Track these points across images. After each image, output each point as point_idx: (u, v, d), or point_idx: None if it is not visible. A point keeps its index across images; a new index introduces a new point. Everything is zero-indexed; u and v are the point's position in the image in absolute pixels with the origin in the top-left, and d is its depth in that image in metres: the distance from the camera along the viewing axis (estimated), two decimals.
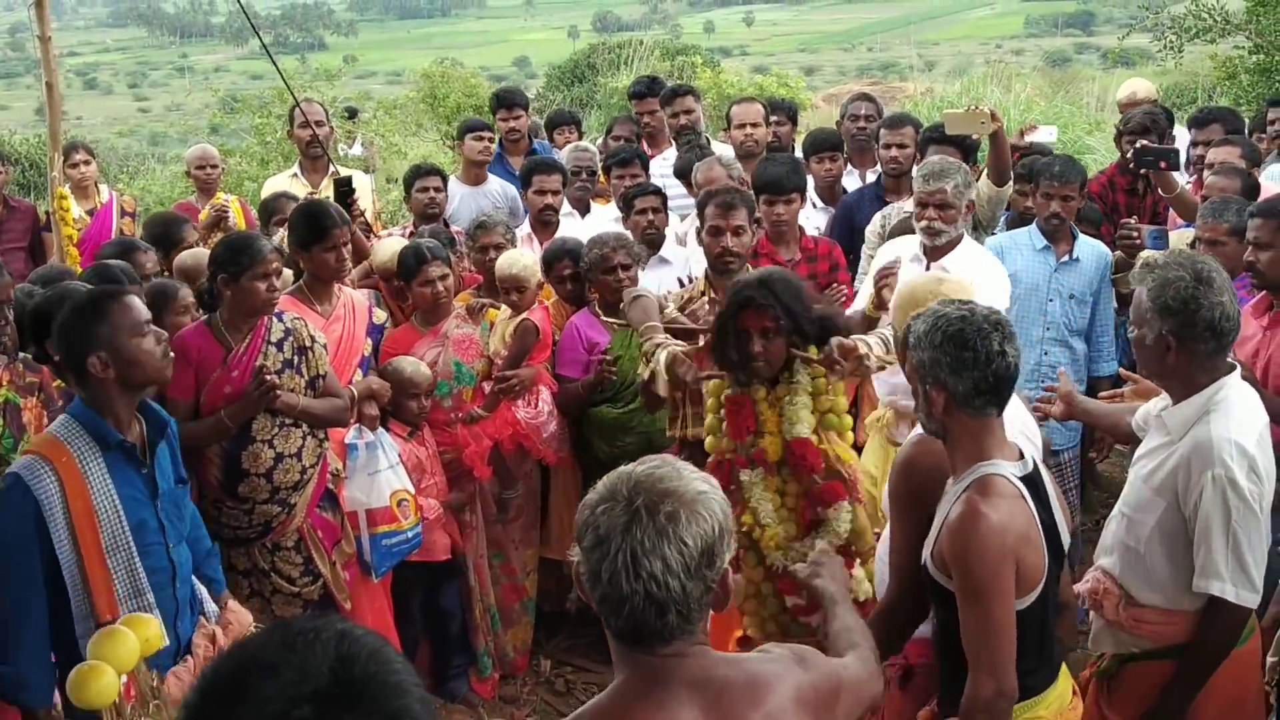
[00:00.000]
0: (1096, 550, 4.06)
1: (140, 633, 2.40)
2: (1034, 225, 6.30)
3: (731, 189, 5.66)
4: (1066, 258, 6.17)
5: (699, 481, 2.27)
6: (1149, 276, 3.68)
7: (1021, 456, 3.38)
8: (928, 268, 5.64)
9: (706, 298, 5.40)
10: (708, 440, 4.56)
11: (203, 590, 4.27)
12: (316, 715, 1.41)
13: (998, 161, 6.30)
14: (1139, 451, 3.90)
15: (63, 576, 3.73)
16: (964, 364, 3.24)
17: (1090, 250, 6.23)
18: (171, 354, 4.03)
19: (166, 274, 5.93)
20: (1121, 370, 4.95)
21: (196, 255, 6.10)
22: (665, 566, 2.17)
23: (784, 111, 8.50)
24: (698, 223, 6.51)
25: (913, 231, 5.77)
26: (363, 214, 6.82)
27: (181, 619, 4.03)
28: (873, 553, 4.27)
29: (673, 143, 8.41)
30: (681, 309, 5.34)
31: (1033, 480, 3.35)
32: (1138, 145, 6.80)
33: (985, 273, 5.49)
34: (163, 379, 4.07)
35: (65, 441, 3.80)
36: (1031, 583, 3.24)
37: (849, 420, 4.43)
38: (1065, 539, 3.45)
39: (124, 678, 2.34)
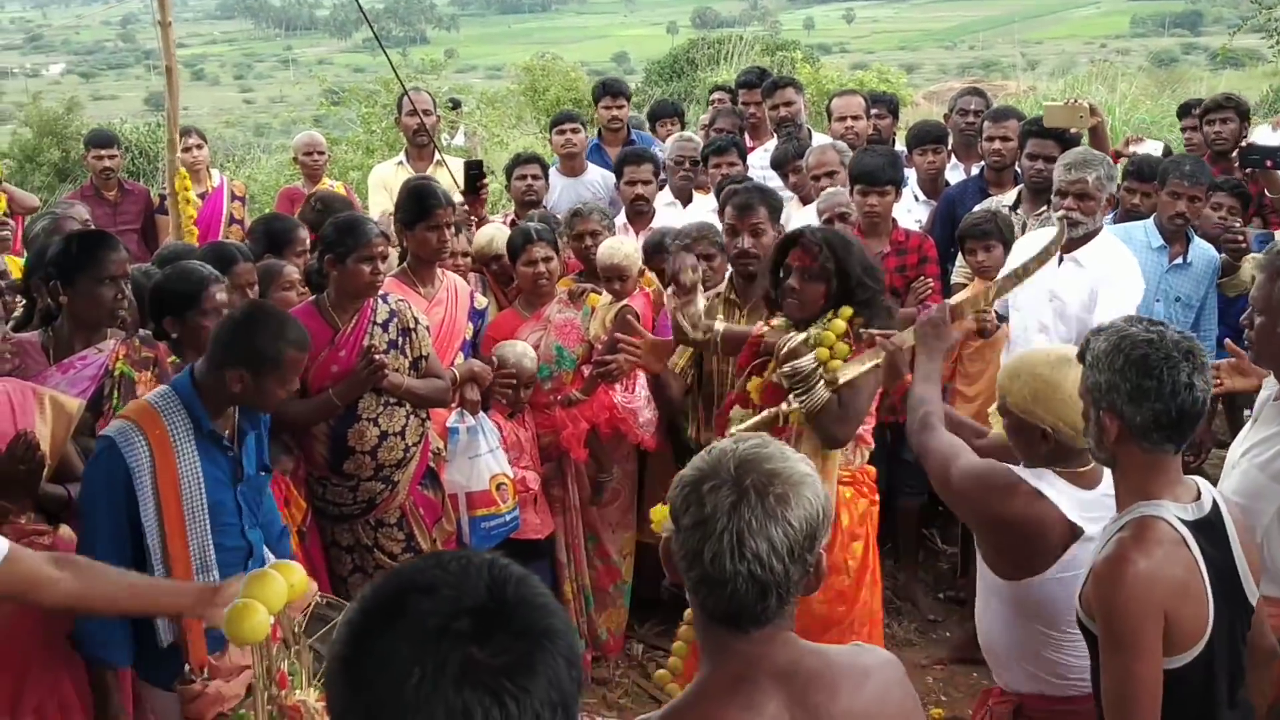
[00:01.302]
0: None
1: (288, 578, 2.50)
2: (1151, 222, 6.21)
3: (753, 188, 5.67)
4: (1180, 260, 6.08)
5: (802, 464, 2.26)
6: (1276, 264, 3.58)
7: (1199, 496, 3.09)
8: (1061, 260, 5.57)
9: (721, 297, 5.46)
10: None
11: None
12: (474, 628, 1.48)
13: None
14: (1249, 439, 3.79)
15: (144, 542, 3.83)
16: (1145, 394, 2.95)
17: (1202, 254, 6.14)
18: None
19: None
20: (1228, 342, 4.76)
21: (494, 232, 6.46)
22: (771, 548, 2.14)
23: (885, 105, 8.49)
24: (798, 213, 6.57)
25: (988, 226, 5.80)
26: (487, 196, 6.95)
27: None
28: None
29: (773, 134, 8.44)
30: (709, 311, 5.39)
31: (1209, 524, 3.05)
32: (1244, 144, 6.72)
33: (1120, 268, 5.45)
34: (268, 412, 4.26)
35: (161, 412, 3.90)
36: (1189, 640, 2.94)
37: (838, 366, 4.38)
38: (1250, 591, 3.12)
39: (271, 619, 2.44)
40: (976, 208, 6.64)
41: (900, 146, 8.22)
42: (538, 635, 1.52)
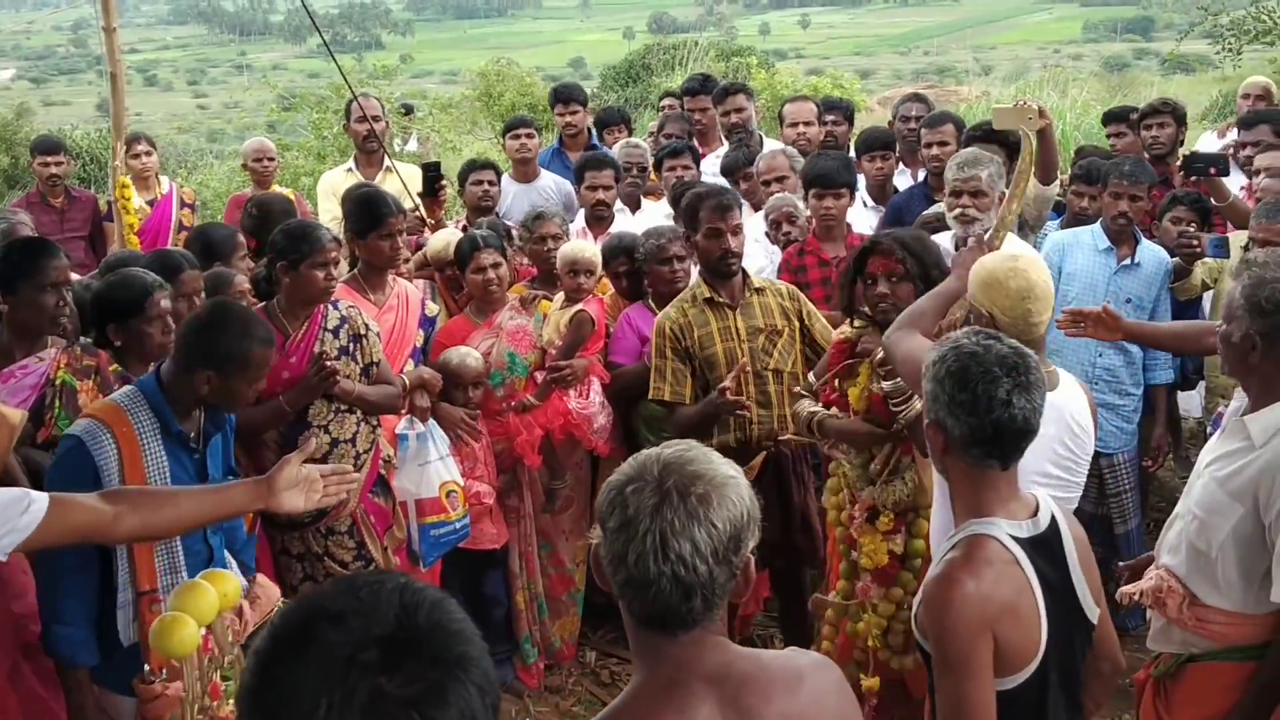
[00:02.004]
0: (1158, 548, 4.00)
1: (220, 587, 2.47)
2: (1099, 225, 6.26)
3: (723, 189, 5.71)
4: (1128, 260, 6.12)
5: (727, 466, 2.24)
6: (1246, 273, 3.59)
7: (1036, 513, 3.03)
8: None
9: (703, 301, 5.46)
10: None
11: (237, 571, 4.32)
12: (382, 659, 1.46)
13: (1045, 160, 6.28)
14: (1212, 453, 3.80)
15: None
16: (961, 407, 2.91)
17: (1152, 255, 6.18)
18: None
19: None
20: (1106, 306, 4.84)
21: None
22: (694, 549, 2.12)
23: (840, 111, 8.51)
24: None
25: (939, 227, 5.84)
26: (445, 199, 6.93)
27: None
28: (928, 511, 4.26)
29: (724, 141, 8.45)
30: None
31: (1044, 542, 3.01)
32: (1188, 153, 6.78)
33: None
34: (233, 411, 4.22)
35: (128, 412, 3.87)
36: (1020, 661, 2.90)
37: None
38: (1088, 603, 3.10)
39: (202, 631, 2.41)
40: (923, 213, 6.68)
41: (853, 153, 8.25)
42: (450, 664, 1.50)
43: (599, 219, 7.24)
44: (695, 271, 5.73)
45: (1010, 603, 2.87)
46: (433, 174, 6.76)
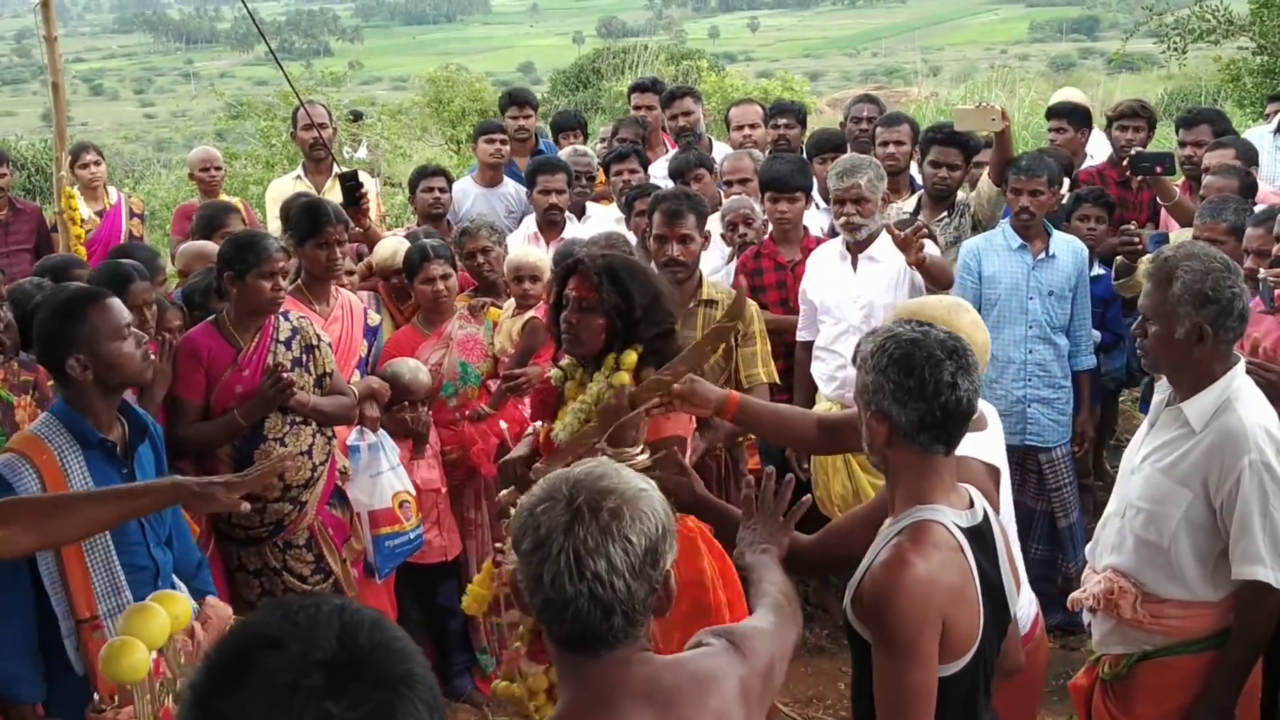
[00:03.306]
0: (1097, 551, 4.03)
1: (170, 610, 2.42)
2: (1007, 224, 6.31)
3: (681, 194, 5.63)
4: (1043, 255, 6.16)
5: (639, 480, 2.23)
6: (1182, 268, 3.60)
7: (972, 505, 3.04)
8: (854, 263, 5.92)
9: None
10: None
11: (186, 592, 4.25)
12: (327, 683, 1.43)
13: (1001, 161, 6.33)
14: (1146, 446, 3.84)
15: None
16: (909, 393, 2.88)
17: (1065, 246, 6.22)
18: (152, 356, 4.00)
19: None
20: None
21: (203, 245, 6.18)
22: (610, 566, 2.11)
23: (793, 114, 8.49)
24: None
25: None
26: (368, 207, 6.84)
27: None
28: None
29: (668, 145, 8.45)
30: None
31: (980, 533, 3.01)
32: (1132, 152, 6.83)
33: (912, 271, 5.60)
34: (141, 380, 4.06)
35: (45, 439, 3.79)
36: (961, 648, 2.88)
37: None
38: (1013, 599, 3.12)
39: (153, 654, 2.36)
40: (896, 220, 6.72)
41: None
42: (395, 682, 1.47)
43: (551, 223, 7.20)
44: None
45: (957, 588, 2.85)
46: (350, 184, 6.67)
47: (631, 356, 3.98)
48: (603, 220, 7.33)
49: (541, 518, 2.14)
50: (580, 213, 7.64)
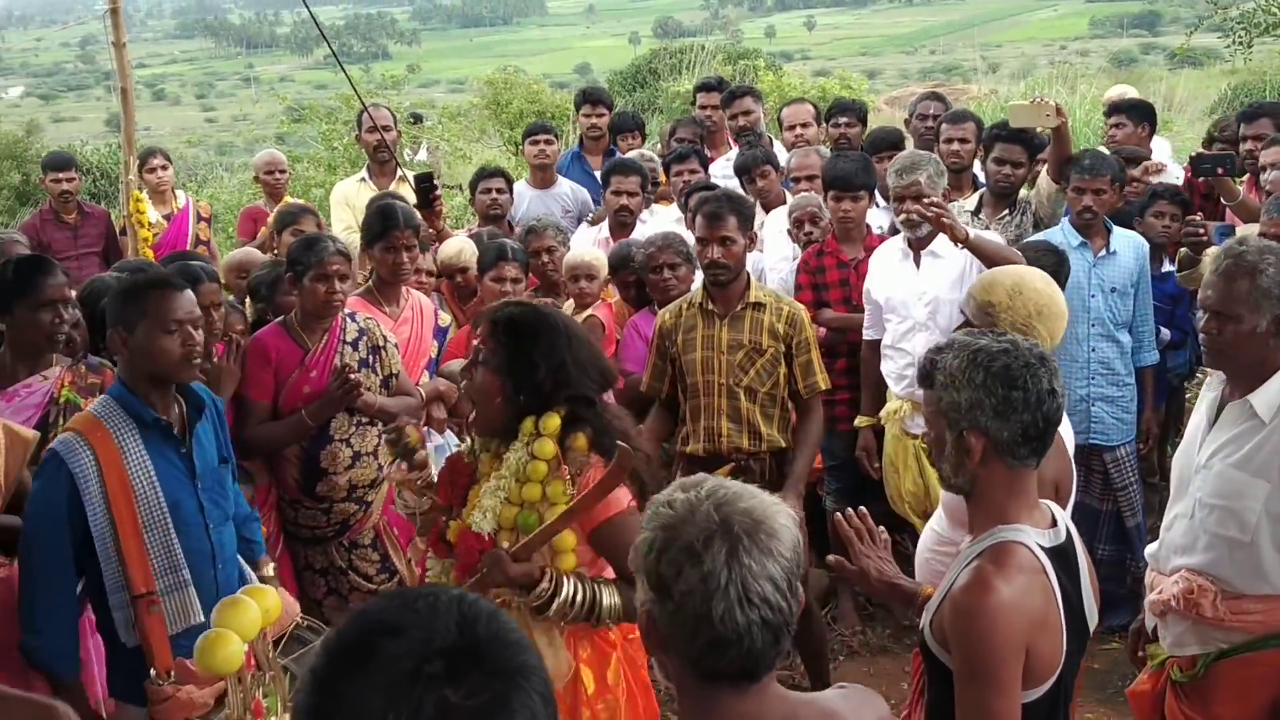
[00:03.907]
0: (1163, 552, 3.96)
1: (261, 603, 2.46)
2: (1066, 222, 6.25)
3: (723, 196, 5.55)
4: (1104, 252, 6.10)
5: (762, 491, 2.15)
6: (1265, 261, 3.58)
7: (1054, 524, 2.96)
8: (916, 260, 5.85)
9: (697, 306, 5.41)
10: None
11: (250, 573, 4.30)
12: (447, 670, 1.45)
13: (1060, 157, 6.28)
14: (1210, 444, 3.78)
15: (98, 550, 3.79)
16: (1013, 406, 2.79)
17: (1126, 242, 6.16)
18: (198, 359, 3.99)
19: None
20: None
21: (247, 253, 6.25)
22: (774, 587, 2.02)
23: (854, 113, 8.44)
24: (761, 219, 6.57)
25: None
26: (441, 209, 6.91)
27: None
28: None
29: (731, 144, 8.44)
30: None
31: (1062, 552, 2.92)
32: (1194, 154, 6.78)
33: (975, 262, 5.53)
34: (177, 378, 4.00)
35: (103, 419, 3.86)
36: (1044, 674, 2.80)
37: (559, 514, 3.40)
38: (1092, 619, 3.02)
39: (245, 646, 2.41)
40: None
41: None
42: (512, 673, 1.48)
43: (622, 225, 7.19)
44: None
45: (1041, 613, 2.78)
46: (425, 185, 6.74)
47: (554, 420, 3.47)
48: (663, 220, 7.34)
49: (703, 553, 2.02)
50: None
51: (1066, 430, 3.82)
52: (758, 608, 2.01)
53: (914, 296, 5.85)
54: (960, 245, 5.45)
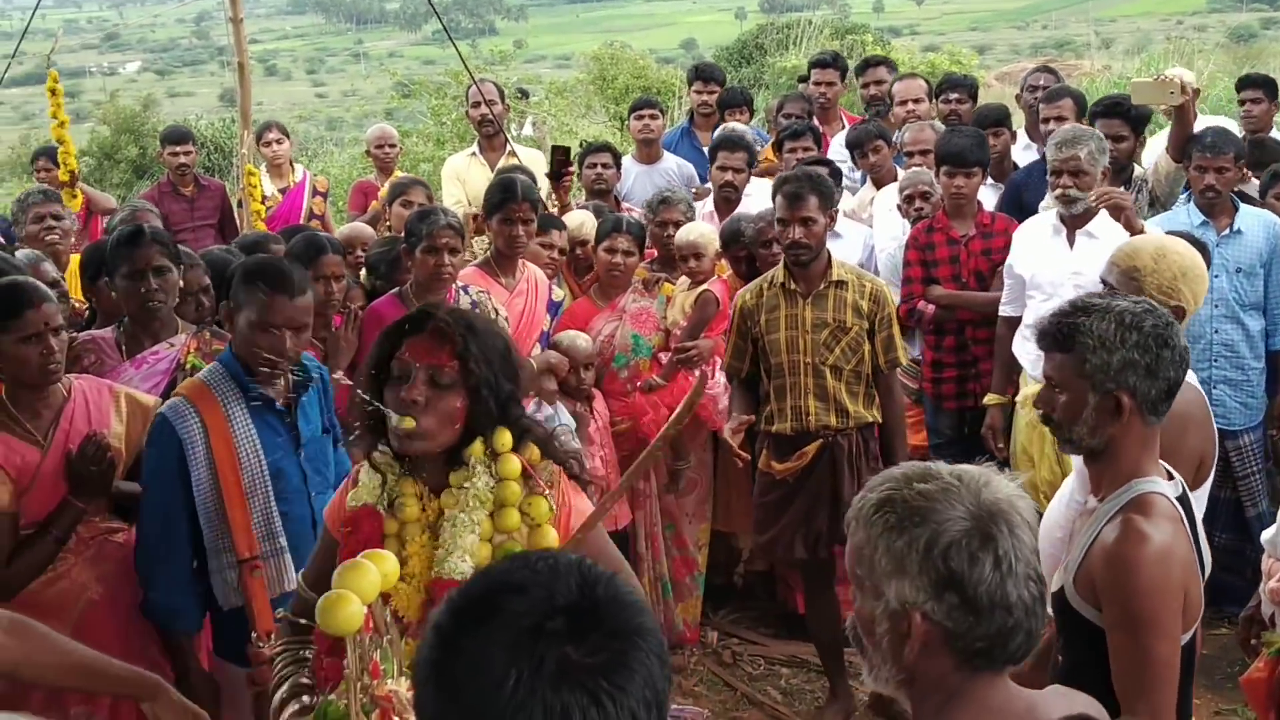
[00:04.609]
0: (1277, 539, 3.90)
1: (381, 567, 2.51)
2: (1189, 202, 6.13)
3: (803, 176, 5.46)
4: (1228, 231, 5.97)
5: (970, 466, 2.11)
6: None
7: (1171, 477, 2.98)
8: (1069, 237, 5.70)
9: (779, 285, 5.39)
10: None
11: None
12: (569, 627, 1.49)
13: (1181, 136, 6.16)
14: None
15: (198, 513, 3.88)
16: (1163, 364, 2.85)
17: (1255, 220, 6.01)
18: (284, 361, 3.98)
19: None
20: None
21: (355, 228, 6.37)
22: (1039, 559, 2.01)
23: (965, 89, 8.32)
24: (872, 194, 6.53)
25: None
26: (570, 184, 7.04)
27: None
28: None
29: (845, 120, 8.39)
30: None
31: (1184, 500, 2.96)
32: None
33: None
34: (254, 370, 3.98)
35: (212, 386, 3.94)
36: (1191, 619, 2.84)
37: (551, 535, 2.93)
38: (1206, 569, 3.02)
39: (364, 609, 2.46)
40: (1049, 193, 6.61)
41: None
42: (630, 633, 1.52)
43: (726, 200, 7.16)
44: None
45: (1189, 558, 2.82)
46: (561, 158, 6.78)
47: (507, 436, 2.94)
48: (765, 196, 7.31)
49: (995, 536, 1.98)
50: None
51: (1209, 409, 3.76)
52: (1035, 583, 2.00)
53: (1065, 276, 5.65)
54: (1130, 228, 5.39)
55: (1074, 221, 5.67)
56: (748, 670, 6.12)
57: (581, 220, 6.45)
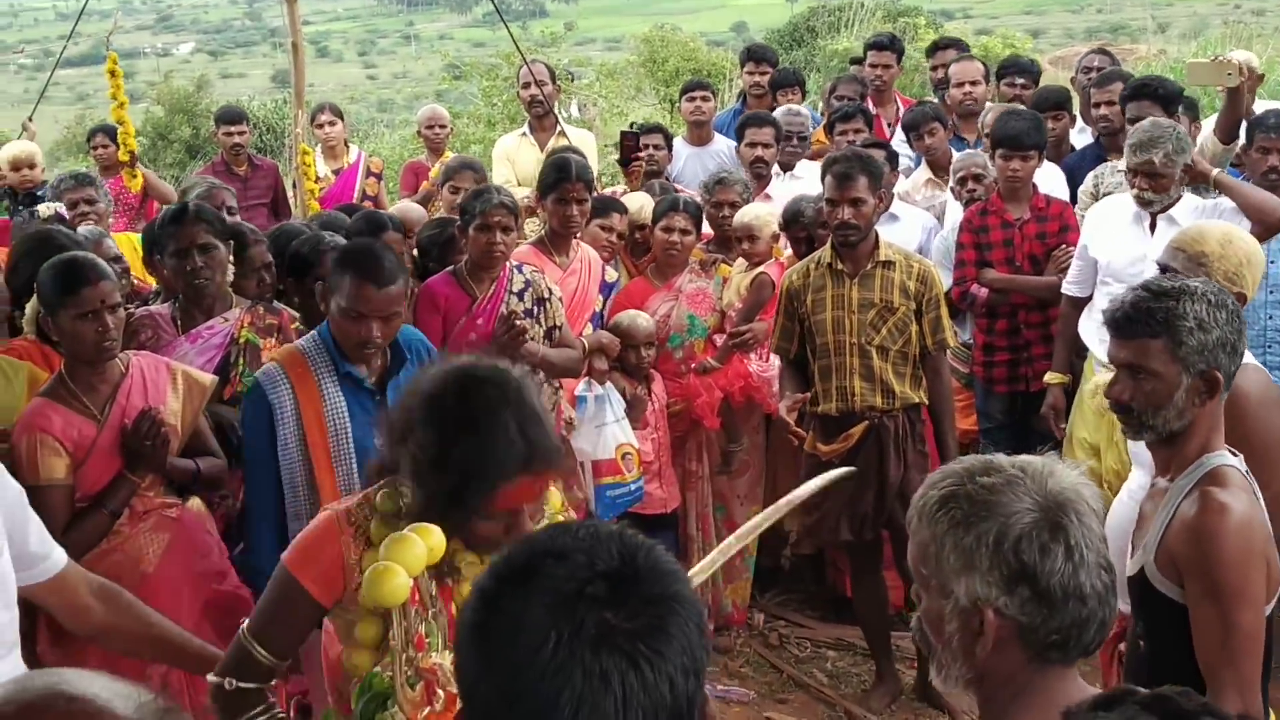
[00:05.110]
0: None
1: (427, 540, 2.53)
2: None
3: (852, 156, 5.40)
4: None
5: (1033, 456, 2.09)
6: None
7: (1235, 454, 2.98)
8: (1151, 225, 5.60)
9: (825, 266, 5.37)
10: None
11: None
12: (609, 591, 1.51)
13: (1231, 118, 6.06)
14: None
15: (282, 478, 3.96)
16: (1242, 341, 2.92)
17: None
18: (371, 349, 3.99)
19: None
20: None
21: (405, 207, 6.42)
22: (1105, 544, 1.99)
23: (1029, 75, 8.19)
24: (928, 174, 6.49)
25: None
26: (638, 170, 7.07)
27: None
28: None
29: (899, 102, 8.34)
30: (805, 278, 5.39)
31: (1249, 473, 2.96)
32: None
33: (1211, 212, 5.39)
34: (347, 351, 4.02)
35: (306, 355, 4.02)
36: (1274, 588, 2.85)
37: None
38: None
39: (410, 581, 2.49)
40: (1088, 175, 6.58)
41: None
42: (669, 600, 1.54)
43: (758, 177, 7.15)
44: None
45: (1268, 529, 2.83)
46: (630, 143, 6.78)
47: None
48: (813, 178, 7.27)
49: (1067, 526, 1.95)
50: (786, 169, 7.53)
51: None
52: (1106, 571, 1.98)
53: (1147, 265, 5.41)
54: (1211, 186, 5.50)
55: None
56: (794, 652, 6.13)
57: (641, 204, 6.44)
